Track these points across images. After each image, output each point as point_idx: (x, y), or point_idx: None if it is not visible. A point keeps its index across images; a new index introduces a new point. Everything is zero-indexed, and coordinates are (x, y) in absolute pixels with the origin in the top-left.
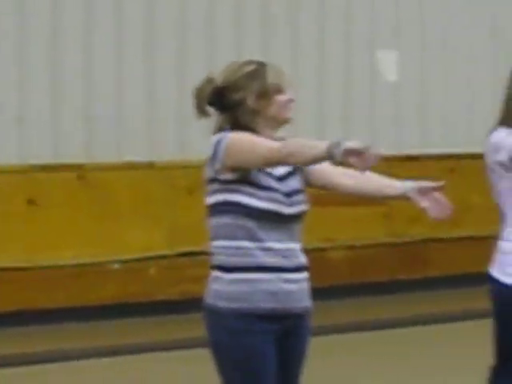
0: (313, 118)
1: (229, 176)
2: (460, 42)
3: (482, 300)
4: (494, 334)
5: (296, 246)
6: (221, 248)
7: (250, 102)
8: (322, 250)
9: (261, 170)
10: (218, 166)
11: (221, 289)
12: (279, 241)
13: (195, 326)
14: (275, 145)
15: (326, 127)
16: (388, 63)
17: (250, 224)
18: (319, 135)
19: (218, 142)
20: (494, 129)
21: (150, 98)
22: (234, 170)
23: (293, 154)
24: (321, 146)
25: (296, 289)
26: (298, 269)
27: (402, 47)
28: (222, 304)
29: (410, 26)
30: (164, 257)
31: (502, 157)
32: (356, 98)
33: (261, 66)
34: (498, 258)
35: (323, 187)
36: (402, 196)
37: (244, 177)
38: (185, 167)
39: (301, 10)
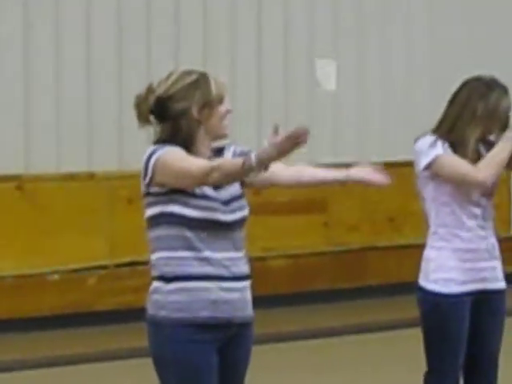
0: (253, 126)
1: (159, 189)
2: (398, 51)
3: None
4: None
5: (237, 254)
6: (160, 259)
7: (194, 112)
8: (262, 259)
9: None
10: (147, 180)
11: (161, 299)
12: (218, 249)
13: (136, 336)
14: (206, 168)
15: (265, 136)
16: (326, 72)
17: (187, 234)
18: (259, 144)
19: (149, 158)
20: (421, 135)
21: (88, 108)
22: (162, 185)
23: (224, 178)
24: (238, 163)
25: (237, 298)
26: (238, 278)
27: (341, 56)
28: (163, 314)
29: (349, 35)
30: (104, 267)
31: (422, 164)
32: (295, 106)
33: (202, 76)
34: (423, 265)
35: (261, 186)
36: (337, 181)
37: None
38: (124, 177)
39: (240, 17)
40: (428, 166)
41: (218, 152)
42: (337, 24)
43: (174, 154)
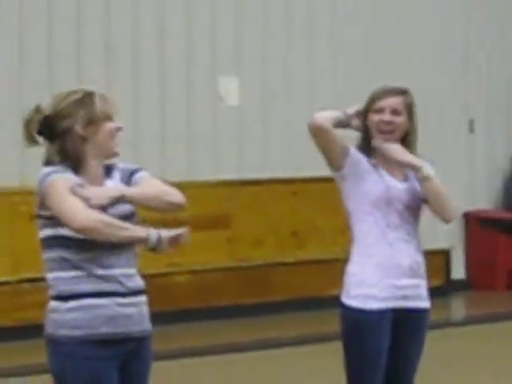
0: (156, 141)
1: (50, 212)
2: (301, 65)
3: (327, 323)
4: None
5: (131, 270)
6: (56, 279)
7: (78, 128)
8: (167, 274)
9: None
10: (38, 202)
11: (59, 318)
12: (112, 266)
13: (39, 353)
14: (89, 219)
15: (169, 151)
16: (229, 89)
17: (78, 254)
18: (162, 158)
19: (42, 180)
20: None
21: None
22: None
23: (104, 234)
24: (139, 233)
25: (134, 312)
26: (134, 292)
27: (243, 73)
28: (62, 332)
29: (251, 53)
30: (6, 283)
31: None
32: (199, 123)
33: (88, 94)
34: (345, 280)
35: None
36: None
37: None
38: (25, 193)
39: (142, 36)
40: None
41: (108, 170)
42: (239, 40)
43: (60, 189)
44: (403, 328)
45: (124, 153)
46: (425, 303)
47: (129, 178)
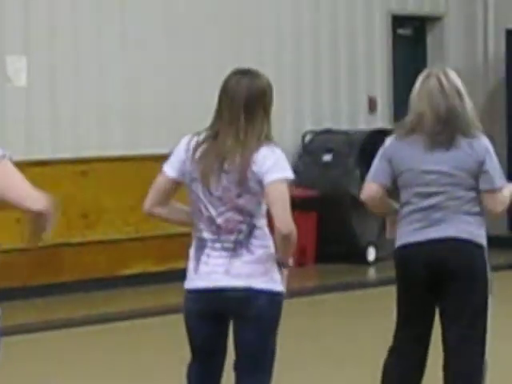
0: None
1: None
2: (89, 45)
3: (118, 303)
4: None
5: None
6: None
7: None
8: None
9: None
10: None
11: None
12: None
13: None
14: None
15: None
16: (17, 68)
17: None
18: None
19: None
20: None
21: None
22: None
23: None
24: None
25: None
26: None
27: (31, 52)
28: None
29: (40, 32)
30: None
31: None
32: None
33: None
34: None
35: None
36: None
37: None
38: None
39: None
40: None
41: None
42: (28, 19)
43: None
44: None
45: None
46: None
47: None
